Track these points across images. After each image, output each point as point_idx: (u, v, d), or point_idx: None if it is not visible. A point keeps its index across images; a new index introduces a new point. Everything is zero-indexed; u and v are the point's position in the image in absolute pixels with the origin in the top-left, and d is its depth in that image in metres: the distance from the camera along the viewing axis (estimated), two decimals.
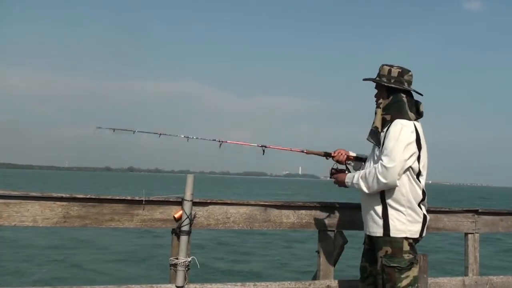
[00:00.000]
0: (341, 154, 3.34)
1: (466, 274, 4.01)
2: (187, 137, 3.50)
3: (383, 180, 2.91)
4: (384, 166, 2.90)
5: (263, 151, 3.41)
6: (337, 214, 3.58)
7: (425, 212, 3.09)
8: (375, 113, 3.12)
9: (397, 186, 2.95)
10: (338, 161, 3.34)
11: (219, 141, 3.40)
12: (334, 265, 3.56)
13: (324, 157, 3.38)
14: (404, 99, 3.06)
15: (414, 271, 2.99)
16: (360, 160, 3.37)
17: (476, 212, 4.07)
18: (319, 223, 3.54)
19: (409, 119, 3.02)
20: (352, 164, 3.40)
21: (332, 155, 3.35)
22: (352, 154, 3.38)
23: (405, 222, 2.98)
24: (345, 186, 3.19)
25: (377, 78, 3.13)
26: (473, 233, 4.04)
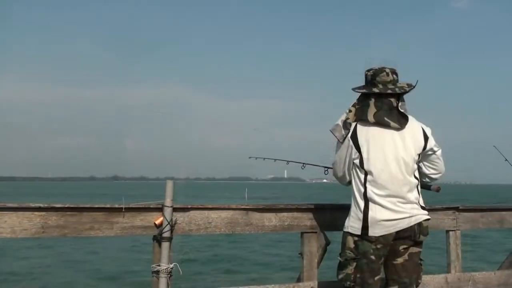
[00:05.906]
0: None
1: (448, 271, 4.03)
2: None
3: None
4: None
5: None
6: (319, 215, 3.58)
7: (378, 211, 2.93)
8: None
9: (342, 182, 3.17)
10: None
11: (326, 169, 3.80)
12: (318, 267, 3.56)
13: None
14: (371, 102, 3.01)
15: (350, 269, 2.97)
16: None
17: (456, 209, 4.10)
18: (301, 225, 3.54)
19: (355, 121, 3.04)
20: None
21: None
22: None
23: (349, 218, 3.05)
24: None
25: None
26: (454, 230, 4.07)
